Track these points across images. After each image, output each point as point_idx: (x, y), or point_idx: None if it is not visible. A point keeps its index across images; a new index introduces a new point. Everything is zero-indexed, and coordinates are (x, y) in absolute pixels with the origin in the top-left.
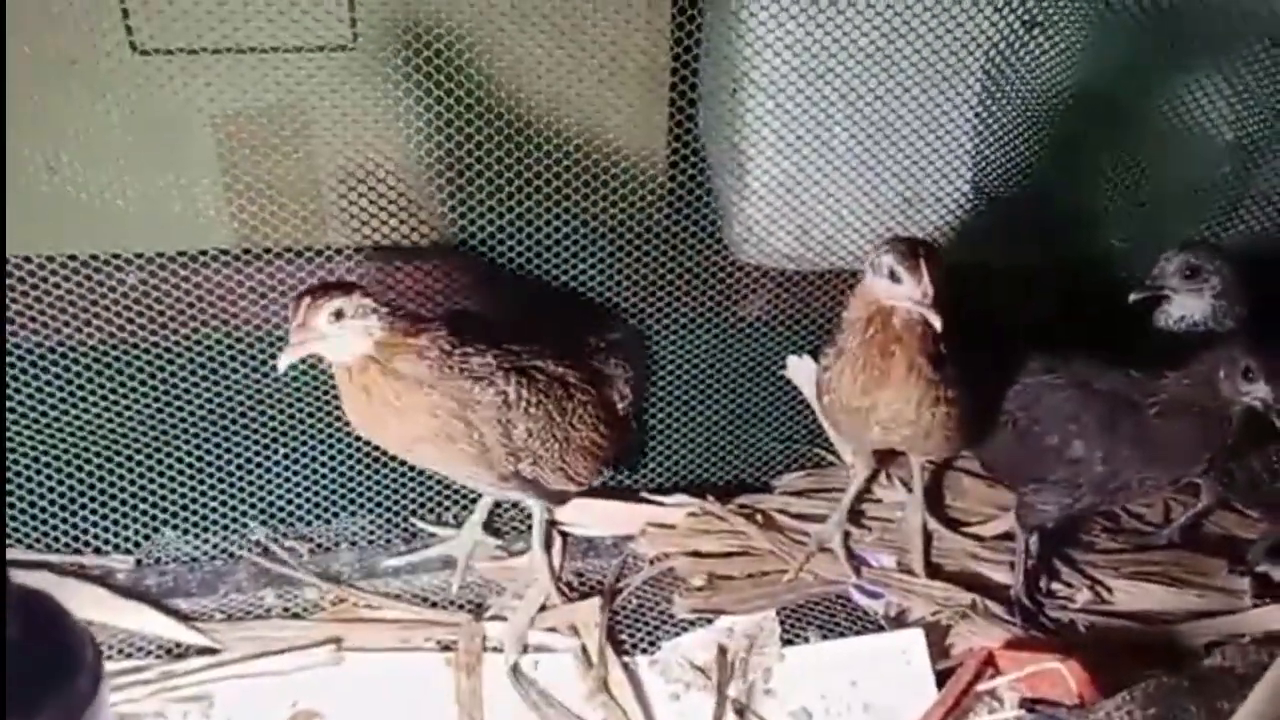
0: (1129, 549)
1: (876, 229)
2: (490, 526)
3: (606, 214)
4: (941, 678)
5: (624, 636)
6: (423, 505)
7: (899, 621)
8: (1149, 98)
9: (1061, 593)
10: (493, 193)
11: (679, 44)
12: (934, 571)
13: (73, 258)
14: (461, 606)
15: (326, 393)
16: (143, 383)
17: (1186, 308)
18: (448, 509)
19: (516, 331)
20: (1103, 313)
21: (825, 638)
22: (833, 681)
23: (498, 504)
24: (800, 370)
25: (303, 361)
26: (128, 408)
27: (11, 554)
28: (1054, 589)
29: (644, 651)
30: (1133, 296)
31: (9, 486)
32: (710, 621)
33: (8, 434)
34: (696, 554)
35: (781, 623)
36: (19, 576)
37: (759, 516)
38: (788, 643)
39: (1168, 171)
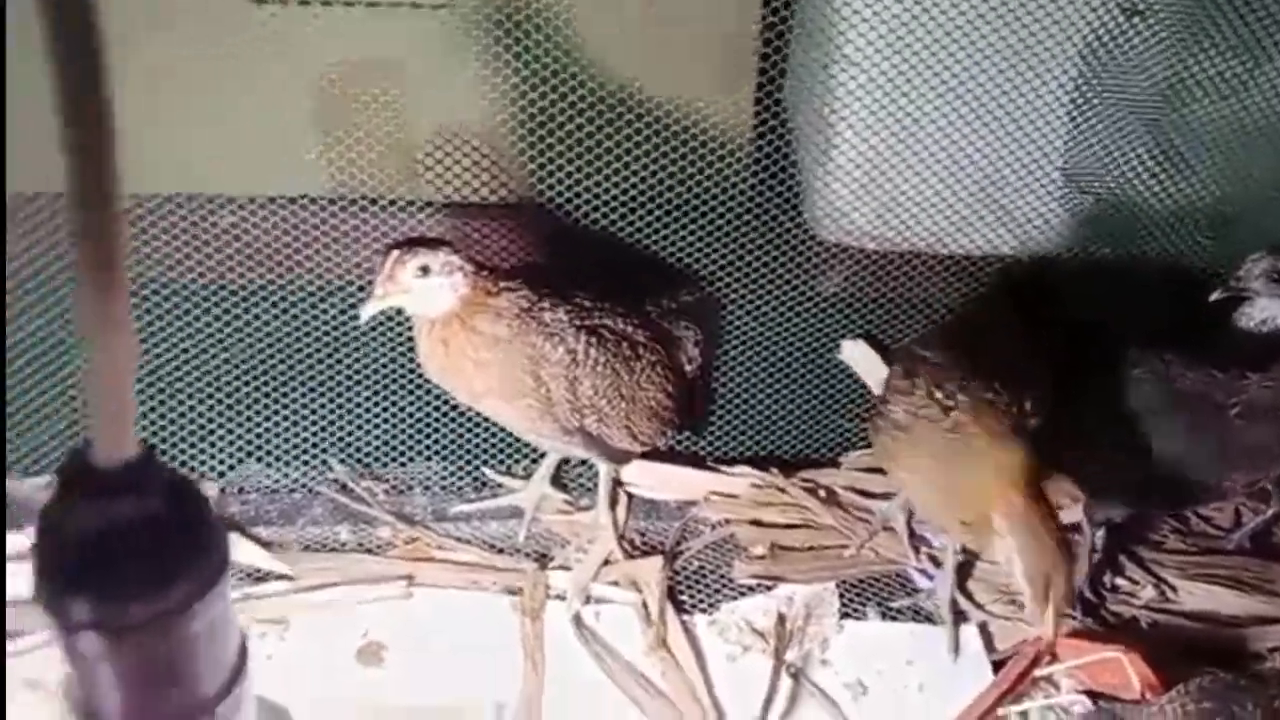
0: (1196, 551)
1: (961, 211)
2: (558, 481)
3: (688, 181)
4: (998, 666)
5: (684, 596)
6: (494, 456)
7: (957, 606)
8: (1247, 92)
9: (1125, 589)
10: (576, 154)
11: (771, 15)
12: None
13: (171, 198)
14: (527, 555)
15: (408, 340)
16: (235, 319)
17: (1269, 310)
18: (518, 461)
19: (590, 290)
20: (1184, 310)
21: (884, 615)
22: (889, 658)
23: (566, 461)
24: (855, 353)
25: (384, 311)
26: (220, 343)
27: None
28: (1118, 584)
29: (703, 612)
30: (1214, 296)
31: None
32: (770, 589)
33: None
34: (758, 523)
35: (840, 596)
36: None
37: (822, 492)
38: (845, 616)
39: (1264, 170)
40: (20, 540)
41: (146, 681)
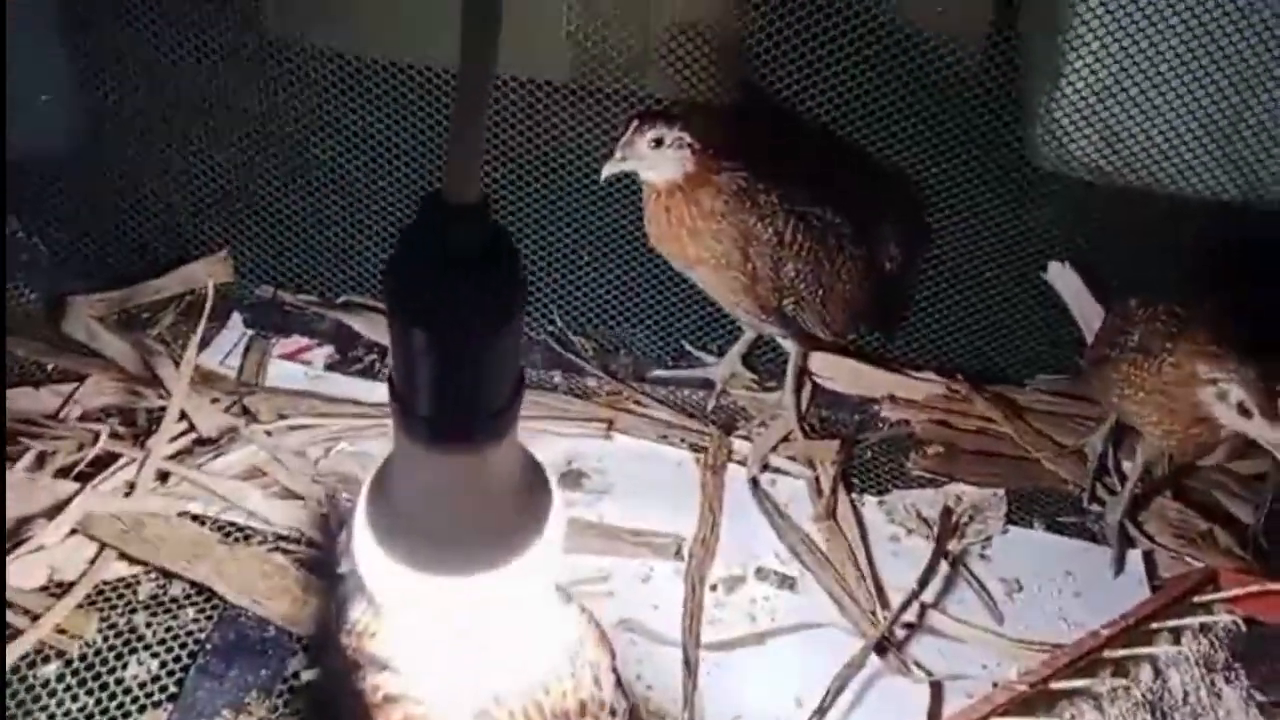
0: None
1: (1195, 150)
2: (749, 362)
3: (916, 89)
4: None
5: (855, 480)
6: (694, 332)
7: (1126, 531)
8: None
9: None
10: (806, 54)
11: None
12: (1178, 493)
13: (428, 68)
14: (714, 422)
15: (634, 215)
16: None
17: None
18: (715, 339)
19: (803, 178)
20: None
21: (1049, 528)
22: (1048, 565)
23: (760, 343)
24: (1061, 277)
25: (619, 176)
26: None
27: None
28: None
29: (872, 495)
30: None
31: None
32: (941, 485)
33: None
34: (938, 424)
35: (1009, 503)
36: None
37: (1006, 406)
38: (1011, 522)
39: None
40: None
41: (453, 378)
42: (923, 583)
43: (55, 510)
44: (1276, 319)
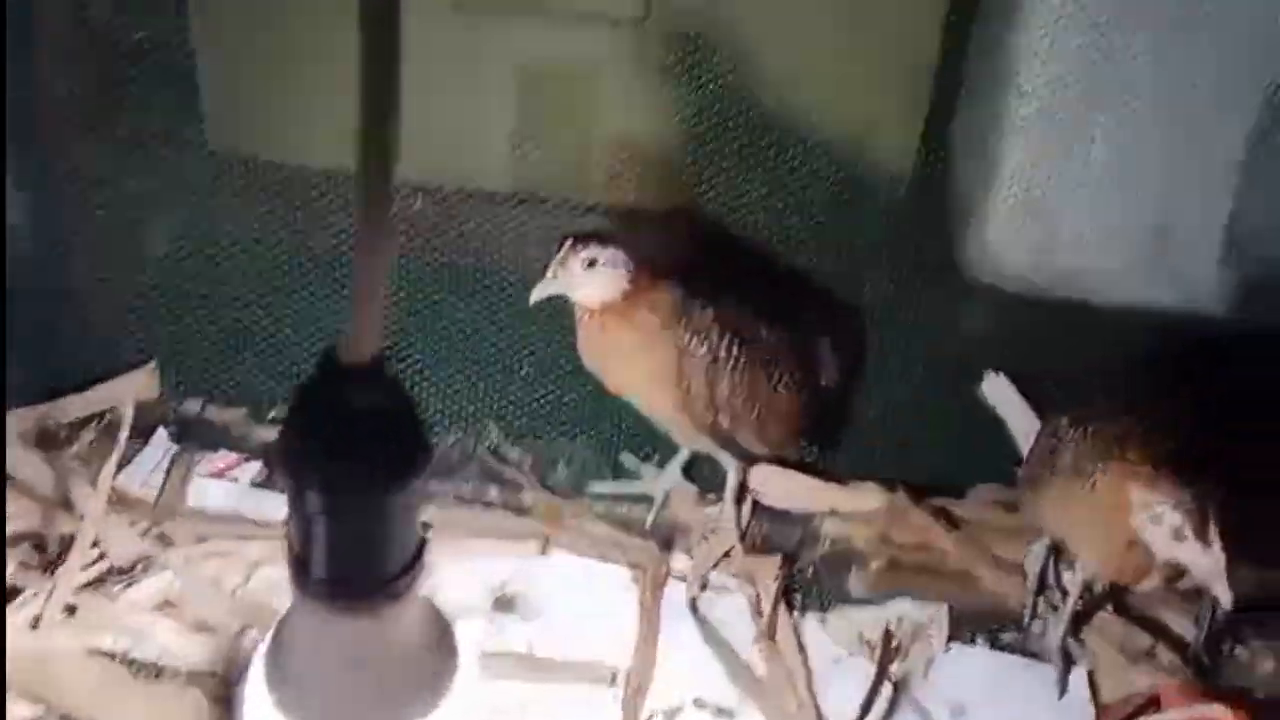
0: None
1: (1120, 264)
2: (689, 474)
3: (846, 204)
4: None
5: (796, 598)
6: (632, 444)
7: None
8: None
9: (1244, 658)
10: (741, 169)
11: (949, 47)
12: (1119, 608)
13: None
14: (654, 537)
15: (568, 327)
16: (417, 296)
17: None
18: (654, 452)
19: (737, 295)
20: None
21: (992, 645)
22: (992, 686)
23: (698, 457)
24: (996, 389)
25: (550, 297)
26: (403, 315)
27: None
28: (1238, 653)
29: (813, 614)
30: None
31: (287, 355)
32: (882, 603)
33: (285, 319)
34: (879, 539)
35: (951, 620)
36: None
37: (945, 519)
38: (954, 640)
39: None
40: (217, 460)
41: (351, 540)
42: (865, 708)
43: None
44: (1210, 432)
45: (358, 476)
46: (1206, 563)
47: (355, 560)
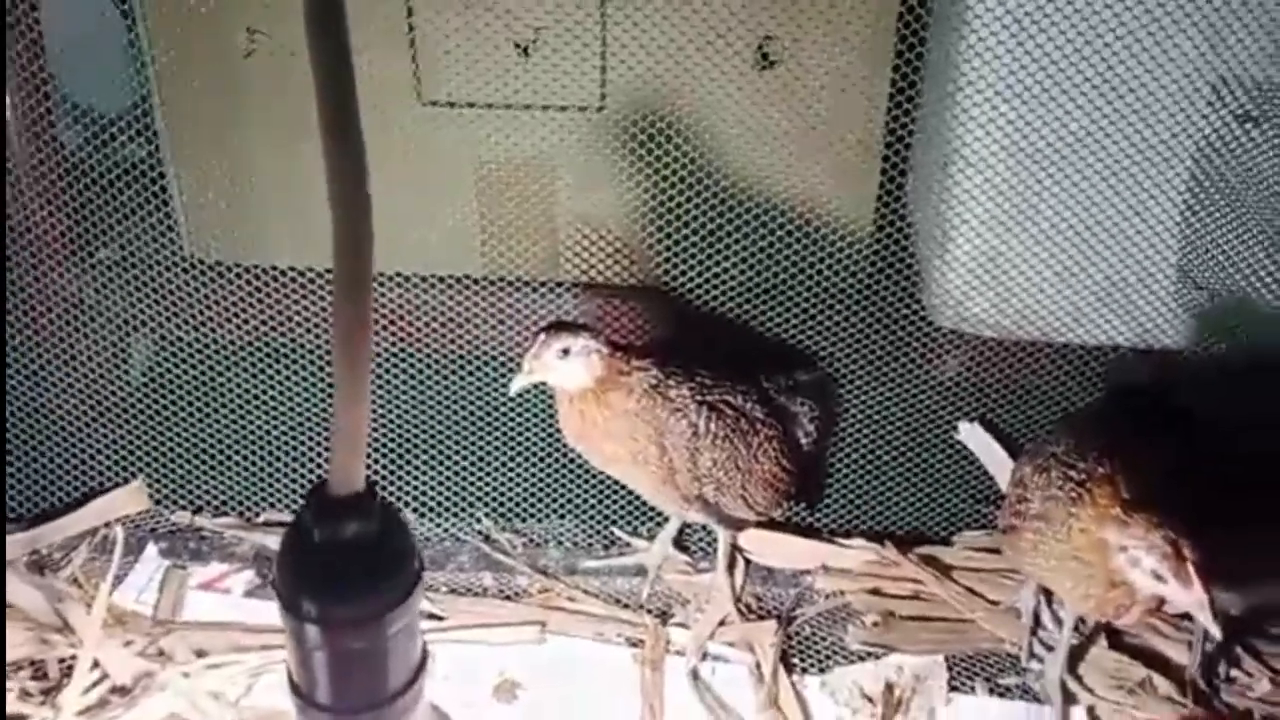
0: None
1: (1077, 304)
2: (680, 544)
3: (811, 270)
4: None
5: (795, 660)
6: (623, 517)
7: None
8: None
9: (1240, 680)
10: (706, 244)
11: (894, 120)
12: (1112, 641)
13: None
14: (649, 611)
15: (551, 409)
16: (398, 384)
17: None
18: (644, 523)
19: (713, 368)
20: None
21: (991, 691)
22: None
23: (688, 525)
24: (972, 436)
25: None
26: (384, 405)
27: (272, 515)
28: (1233, 675)
29: (814, 675)
30: None
31: (275, 458)
32: (881, 657)
33: (270, 422)
34: (872, 593)
35: (950, 669)
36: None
37: (935, 567)
38: (954, 689)
39: None
40: (209, 572)
41: (352, 668)
42: None
43: None
44: (1177, 468)
45: (352, 609)
46: (1189, 600)
47: (356, 684)
